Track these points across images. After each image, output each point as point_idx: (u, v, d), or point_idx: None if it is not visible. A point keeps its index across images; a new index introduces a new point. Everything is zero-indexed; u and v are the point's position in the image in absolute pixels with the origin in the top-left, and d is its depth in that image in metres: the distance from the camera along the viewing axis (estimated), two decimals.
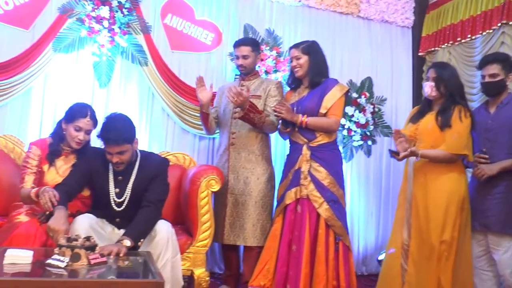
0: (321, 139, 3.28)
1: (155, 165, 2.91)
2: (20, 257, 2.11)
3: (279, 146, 4.28)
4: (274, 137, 3.90)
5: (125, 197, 2.84)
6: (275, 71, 4.28)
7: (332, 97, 3.25)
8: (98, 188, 2.87)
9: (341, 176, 3.36)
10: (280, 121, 3.32)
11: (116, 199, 2.84)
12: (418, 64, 4.86)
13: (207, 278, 3.10)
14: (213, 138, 4.32)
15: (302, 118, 3.21)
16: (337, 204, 3.26)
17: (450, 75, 3.05)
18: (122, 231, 2.88)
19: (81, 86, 4.03)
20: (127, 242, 2.53)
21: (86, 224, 2.71)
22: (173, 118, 4.19)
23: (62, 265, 2.08)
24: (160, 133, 4.21)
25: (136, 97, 4.16)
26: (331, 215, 3.22)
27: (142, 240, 2.70)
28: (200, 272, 3.08)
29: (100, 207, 2.89)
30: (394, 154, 2.98)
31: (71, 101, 3.94)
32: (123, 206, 2.85)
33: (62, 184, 2.77)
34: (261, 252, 3.41)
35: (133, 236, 2.60)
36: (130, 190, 2.85)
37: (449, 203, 2.95)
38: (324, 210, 3.21)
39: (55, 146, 2.94)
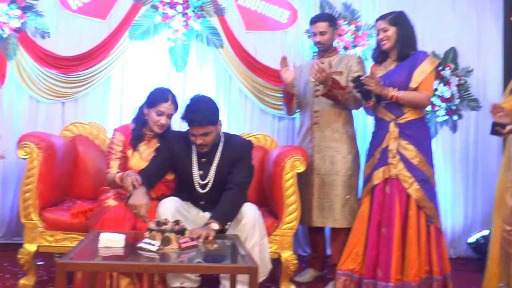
0: (409, 116, 3.08)
1: (239, 147, 2.86)
2: (113, 241, 2.12)
3: (360, 123, 4.11)
4: (355, 114, 3.72)
5: (209, 180, 2.82)
6: (354, 46, 4.09)
7: (423, 71, 3.03)
8: (182, 171, 2.86)
9: (431, 154, 3.14)
10: (359, 94, 3.13)
11: (200, 181, 2.81)
12: (510, 30, 4.44)
13: (295, 261, 3.02)
14: (293, 118, 4.23)
15: (392, 92, 3.02)
16: (427, 184, 3.06)
17: None
18: (207, 213, 2.88)
19: (158, 72, 4.07)
20: (215, 226, 2.49)
21: (171, 207, 2.71)
22: (251, 99, 4.14)
23: (154, 248, 2.07)
24: (239, 114, 4.17)
25: (213, 80, 4.13)
26: (422, 195, 3.02)
27: (229, 223, 2.65)
28: (288, 255, 3.00)
29: (184, 190, 2.89)
30: (498, 128, 2.61)
31: (149, 87, 3.99)
32: (207, 188, 2.83)
33: (145, 170, 2.80)
34: (348, 233, 3.28)
35: (220, 219, 2.57)
36: (214, 173, 2.81)
37: None
38: (414, 190, 3.02)
39: (138, 131, 2.95)
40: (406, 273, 2.97)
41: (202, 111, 2.65)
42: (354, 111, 3.46)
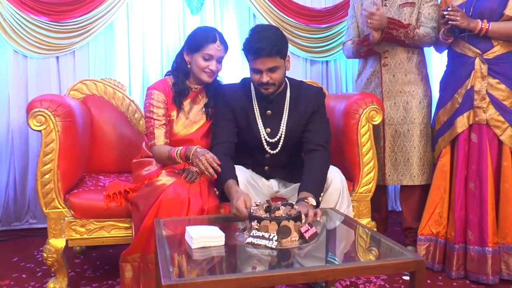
0: (499, 49, 2.57)
1: (312, 98, 2.32)
2: (211, 238, 1.55)
3: None
4: None
5: (280, 137, 2.29)
6: None
7: None
8: (245, 130, 2.31)
9: None
10: (443, 30, 2.61)
11: (268, 139, 2.27)
12: None
13: (374, 229, 2.55)
14: (326, 62, 3.72)
15: (482, 25, 2.50)
16: None
17: None
18: (272, 181, 2.41)
19: (170, 15, 3.38)
20: (313, 201, 1.97)
21: (243, 179, 2.17)
22: None
23: (272, 244, 1.52)
24: None
25: (235, 21, 3.50)
26: None
27: (322, 195, 2.13)
28: (366, 223, 2.54)
29: (247, 154, 2.33)
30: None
31: (159, 34, 3.35)
32: (278, 149, 2.30)
33: (216, 141, 2.26)
34: (422, 191, 2.86)
35: (314, 192, 2.05)
36: (284, 128, 2.29)
37: None
38: (508, 137, 2.57)
39: (181, 85, 2.34)
40: (503, 234, 2.56)
41: (270, 39, 2.09)
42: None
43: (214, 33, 2.30)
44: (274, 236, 1.53)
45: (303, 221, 1.63)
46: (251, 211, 1.65)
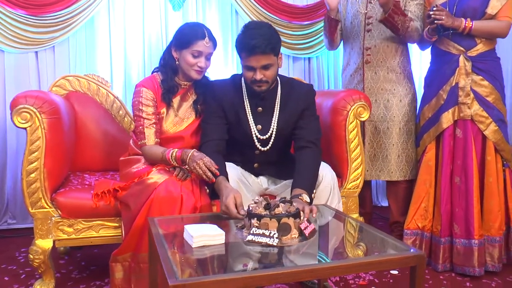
0: (482, 47, 2.62)
1: (303, 96, 2.32)
2: (211, 237, 1.53)
3: None
4: None
5: (271, 133, 2.28)
6: None
7: None
8: (236, 126, 2.29)
9: (504, 90, 2.75)
10: (427, 28, 2.65)
11: (259, 136, 2.26)
12: None
13: None
14: (309, 59, 3.72)
15: (465, 23, 2.55)
16: (504, 124, 2.68)
17: None
18: (261, 178, 2.41)
19: (151, 11, 3.33)
20: (307, 197, 1.96)
21: (234, 177, 2.15)
22: None
23: (274, 241, 1.51)
24: None
25: (217, 18, 3.48)
26: (500, 137, 2.64)
27: (315, 191, 2.13)
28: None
29: (237, 151, 2.32)
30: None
31: (140, 29, 3.30)
32: (269, 145, 2.29)
33: (206, 139, 2.23)
34: (407, 186, 2.92)
35: (307, 188, 2.05)
36: (275, 125, 2.28)
37: None
38: (492, 132, 2.63)
39: (169, 82, 2.29)
40: (487, 227, 2.63)
41: (264, 36, 2.06)
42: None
43: (203, 29, 2.26)
44: (274, 233, 1.52)
45: (301, 218, 1.63)
46: (250, 208, 1.63)
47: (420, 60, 3.86)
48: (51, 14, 3.07)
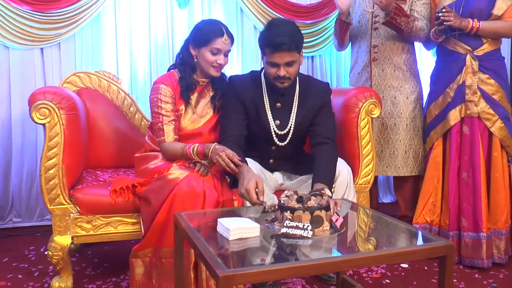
0: (488, 46, 2.69)
1: (321, 93, 2.36)
2: (247, 230, 1.55)
3: None
4: None
5: (289, 129, 2.31)
6: None
7: None
8: (255, 122, 2.32)
9: (508, 88, 2.83)
10: (434, 29, 2.71)
11: (278, 131, 2.29)
12: None
13: None
14: (312, 57, 3.76)
15: (473, 24, 2.61)
16: (509, 121, 2.76)
17: None
18: (276, 174, 2.44)
19: (157, 8, 3.32)
20: (329, 192, 2.00)
21: (256, 171, 2.16)
22: None
23: (308, 234, 1.54)
24: (253, 54, 3.60)
25: (222, 16, 3.48)
26: (506, 134, 2.72)
27: (334, 186, 2.16)
28: None
29: (253, 146, 2.35)
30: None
31: (146, 27, 3.30)
32: (286, 141, 2.32)
33: (225, 135, 2.25)
34: (414, 181, 2.98)
35: (328, 183, 2.08)
36: (294, 121, 2.31)
37: None
38: (498, 129, 2.70)
39: (188, 79, 2.30)
40: (494, 220, 2.70)
41: (290, 33, 2.10)
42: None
43: (221, 27, 2.28)
44: (308, 225, 1.55)
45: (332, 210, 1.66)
46: (282, 201, 1.65)
47: (421, 57, 3.92)
48: (57, 11, 3.04)
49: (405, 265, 2.64)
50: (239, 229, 1.53)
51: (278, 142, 2.32)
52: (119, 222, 2.23)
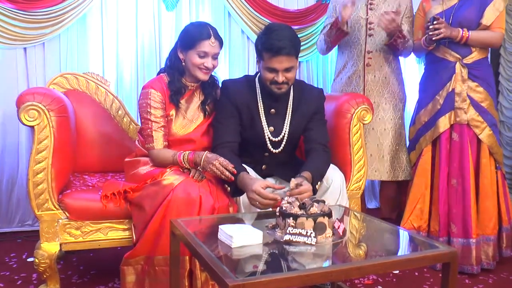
0: (477, 55, 2.74)
1: (314, 99, 2.35)
2: (250, 237, 1.51)
3: None
4: None
5: (283, 135, 2.29)
6: None
7: (497, 7, 2.70)
8: (249, 127, 2.29)
9: (496, 96, 2.88)
10: (425, 37, 2.74)
11: (272, 137, 2.27)
12: None
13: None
14: (299, 63, 3.71)
15: (462, 33, 2.65)
16: (497, 128, 2.81)
17: None
18: (269, 180, 2.37)
19: (144, 10, 3.27)
20: (309, 175, 2.05)
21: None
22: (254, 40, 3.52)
23: (312, 241, 1.51)
24: (240, 58, 3.58)
25: (210, 19, 3.44)
26: (494, 141, 2.76)
27: (319, 183, 2.15)
28: None
29: (246, 152, 2.32)
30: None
31: (133, 28, 3.24)
32: (281, 147, 2.31)
33: (219, 141, 2.22)
34: (397, 186, 3.04)
35: (315, 174, 2.08)
36: (288, 127, 2.29)
37: None
38: (487, 136, 2.74)
39: (177, 83, 2.25)
40: (483, 226, 2.73)
41: (289, 38, 2.08)
42: None
43: (208, 29, 2.22)
44: (311, 232, 1.52)
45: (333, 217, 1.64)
46: (284, 208, 1.63)
47: (405, 66, 3.96)
48: (41, 10, 2.96)
49: (395, 271, 2.64)
50: (242, 236, 1.49)
51: (272, 149, 2.29)
52: (110, 228, 2.16)
